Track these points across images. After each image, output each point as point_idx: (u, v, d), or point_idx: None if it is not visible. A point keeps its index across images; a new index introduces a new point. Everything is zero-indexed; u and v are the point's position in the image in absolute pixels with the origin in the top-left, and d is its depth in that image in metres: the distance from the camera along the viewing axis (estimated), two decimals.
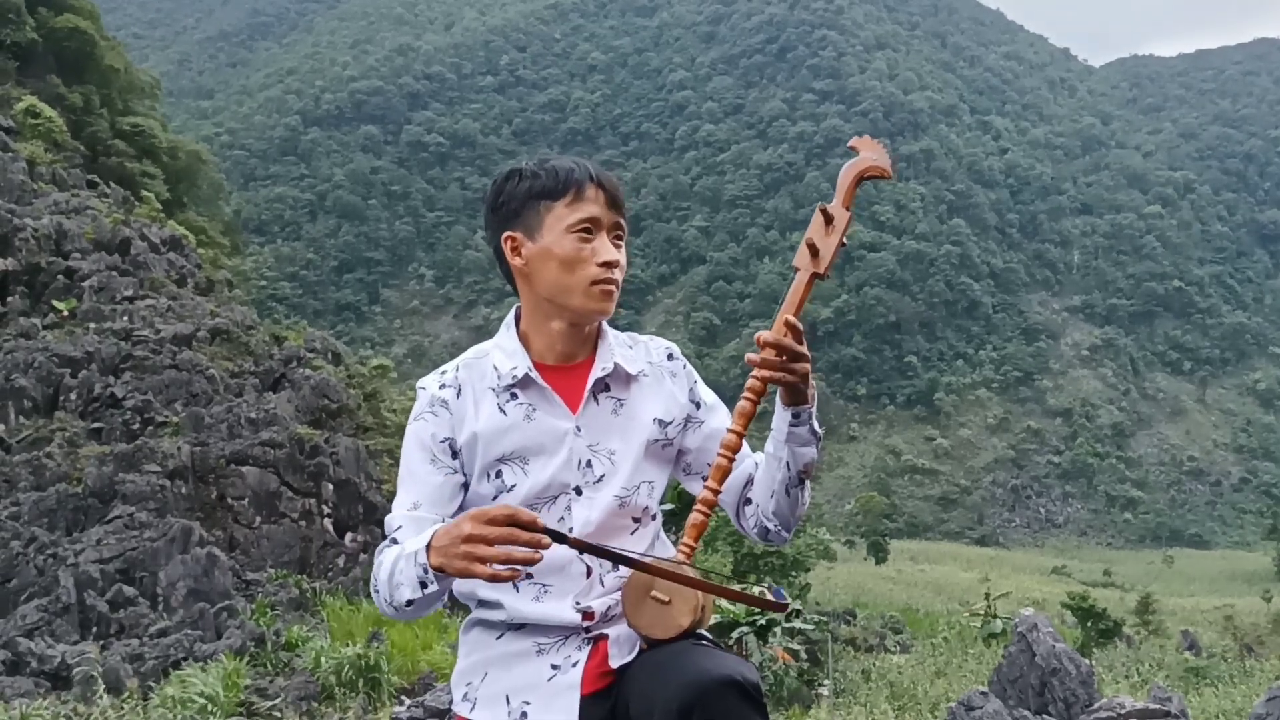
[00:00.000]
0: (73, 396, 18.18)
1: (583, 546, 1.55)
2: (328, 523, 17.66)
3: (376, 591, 1.65)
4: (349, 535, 17.67)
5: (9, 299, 20.71)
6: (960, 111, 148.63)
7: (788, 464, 1.69)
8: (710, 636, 1.75)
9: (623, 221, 1.75)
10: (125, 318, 20.91)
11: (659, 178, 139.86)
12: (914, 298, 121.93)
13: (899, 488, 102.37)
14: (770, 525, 1.77)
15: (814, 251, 1.68)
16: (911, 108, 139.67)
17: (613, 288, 1.71)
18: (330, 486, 17.96)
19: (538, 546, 1.43)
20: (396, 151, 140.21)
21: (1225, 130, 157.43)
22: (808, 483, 1.73)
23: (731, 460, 1.70)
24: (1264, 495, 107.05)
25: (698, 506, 1.70)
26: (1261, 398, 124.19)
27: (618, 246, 1.73)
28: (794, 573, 26.92)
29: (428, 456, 1.72)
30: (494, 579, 1.44)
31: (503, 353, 1.76)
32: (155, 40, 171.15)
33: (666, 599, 1.60)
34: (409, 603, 1.59)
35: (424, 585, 1.54)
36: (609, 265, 1.70)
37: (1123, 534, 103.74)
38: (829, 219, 1.69)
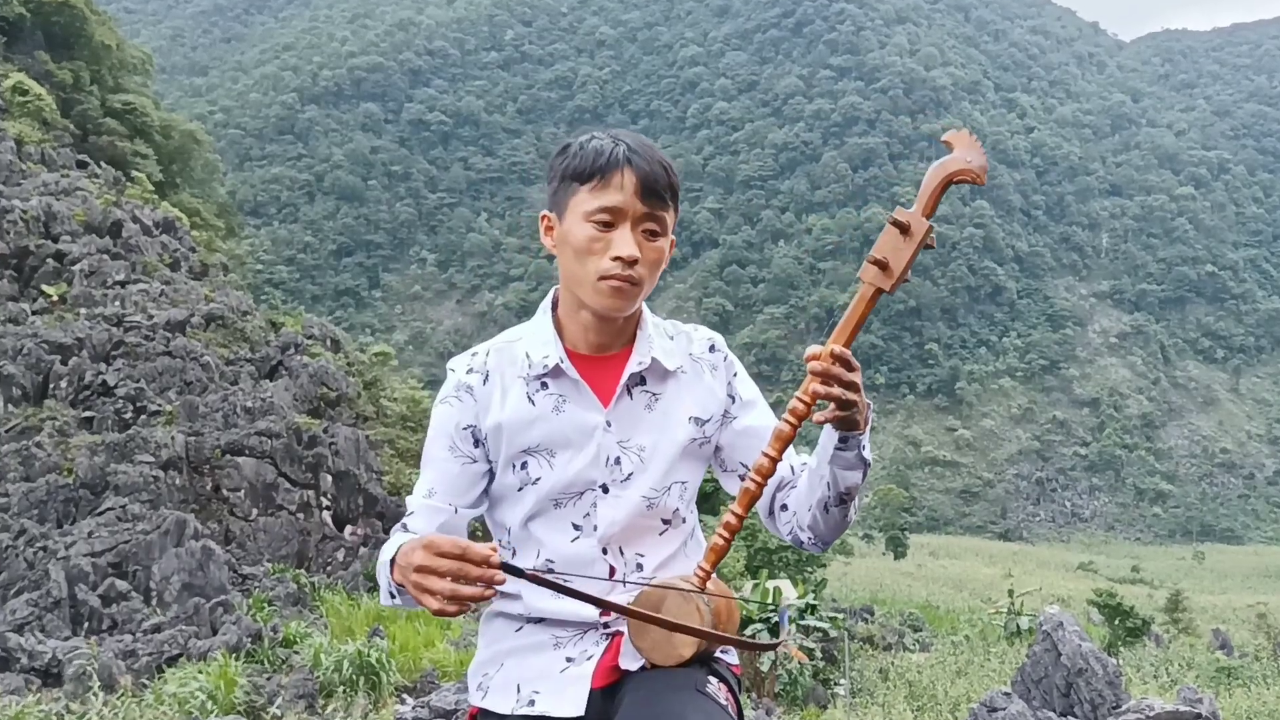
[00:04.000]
0: (63, 384, 18.33)
1: (542, 581, 1.46)
2: (326, 515, 17.82)
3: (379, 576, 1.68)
4: (348, 528, 17.78)
5: None
6: (984, 88, 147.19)
7: (828, 483, 1.63)
8: (730, 661, 1.72)
9: (661, 214, 1.63)
10: (117, 303, 21.04)
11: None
12: (935, 283, 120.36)
13: (919, 480, 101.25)
14: (804, 537, 1.71)
15: (882, 266, 1.54)
16: (933, 84, 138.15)
17: (624, 285, 1.60)
18: (329, 478, 18.06)
19: (490, 583, 1.39)
20: (397, 130, 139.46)
21: (1261, 108, 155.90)
22: (851, 504, 1.65)
23: (761, 486, 1.61)
24: None
25: (720, 531, 1.62)
26: None
27: (650, 240, 1.63)
28: (810, 568, 27.58)
29: (447, 443, 1.70)
30: (441, 614, 1.40)
31: (536, 339, 1.71)
32: (147, 15, 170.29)
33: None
34: (391, 600, 1.62)
35: (393, 595, 1.58)
36: (622, 260, 1.59)
37: (1152, 528, 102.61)
38: (904, 230, 1.53)
